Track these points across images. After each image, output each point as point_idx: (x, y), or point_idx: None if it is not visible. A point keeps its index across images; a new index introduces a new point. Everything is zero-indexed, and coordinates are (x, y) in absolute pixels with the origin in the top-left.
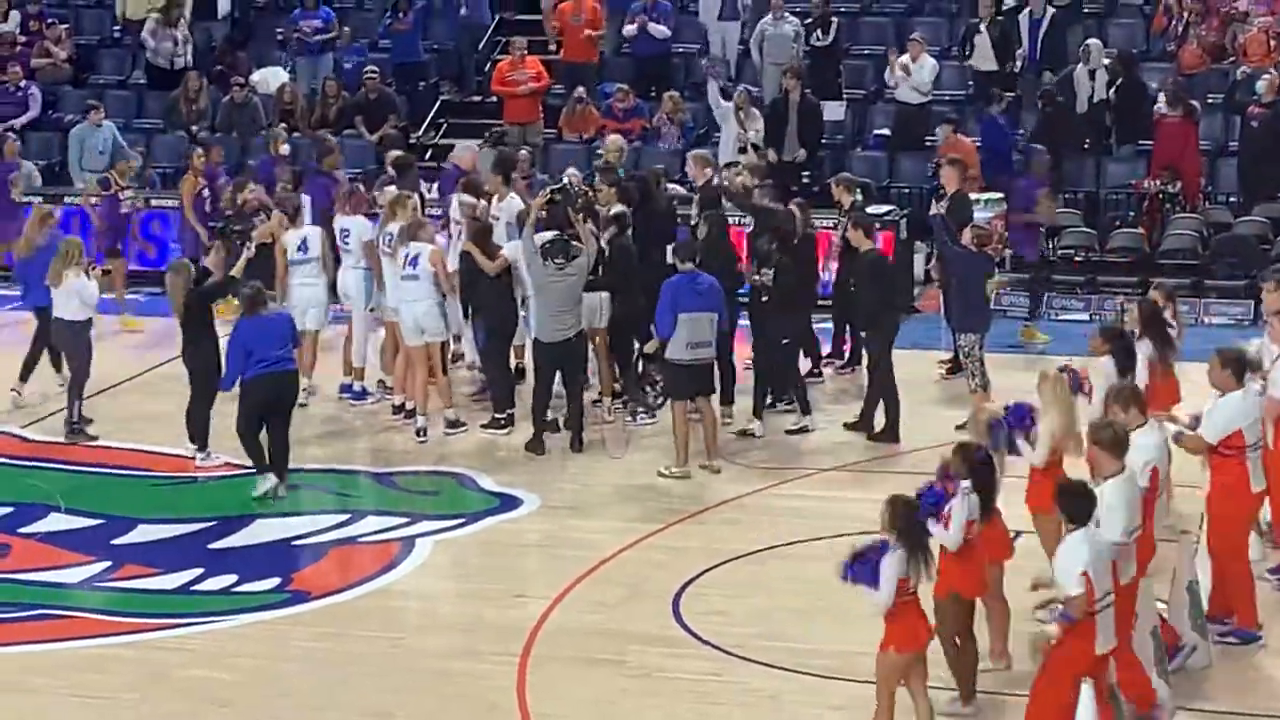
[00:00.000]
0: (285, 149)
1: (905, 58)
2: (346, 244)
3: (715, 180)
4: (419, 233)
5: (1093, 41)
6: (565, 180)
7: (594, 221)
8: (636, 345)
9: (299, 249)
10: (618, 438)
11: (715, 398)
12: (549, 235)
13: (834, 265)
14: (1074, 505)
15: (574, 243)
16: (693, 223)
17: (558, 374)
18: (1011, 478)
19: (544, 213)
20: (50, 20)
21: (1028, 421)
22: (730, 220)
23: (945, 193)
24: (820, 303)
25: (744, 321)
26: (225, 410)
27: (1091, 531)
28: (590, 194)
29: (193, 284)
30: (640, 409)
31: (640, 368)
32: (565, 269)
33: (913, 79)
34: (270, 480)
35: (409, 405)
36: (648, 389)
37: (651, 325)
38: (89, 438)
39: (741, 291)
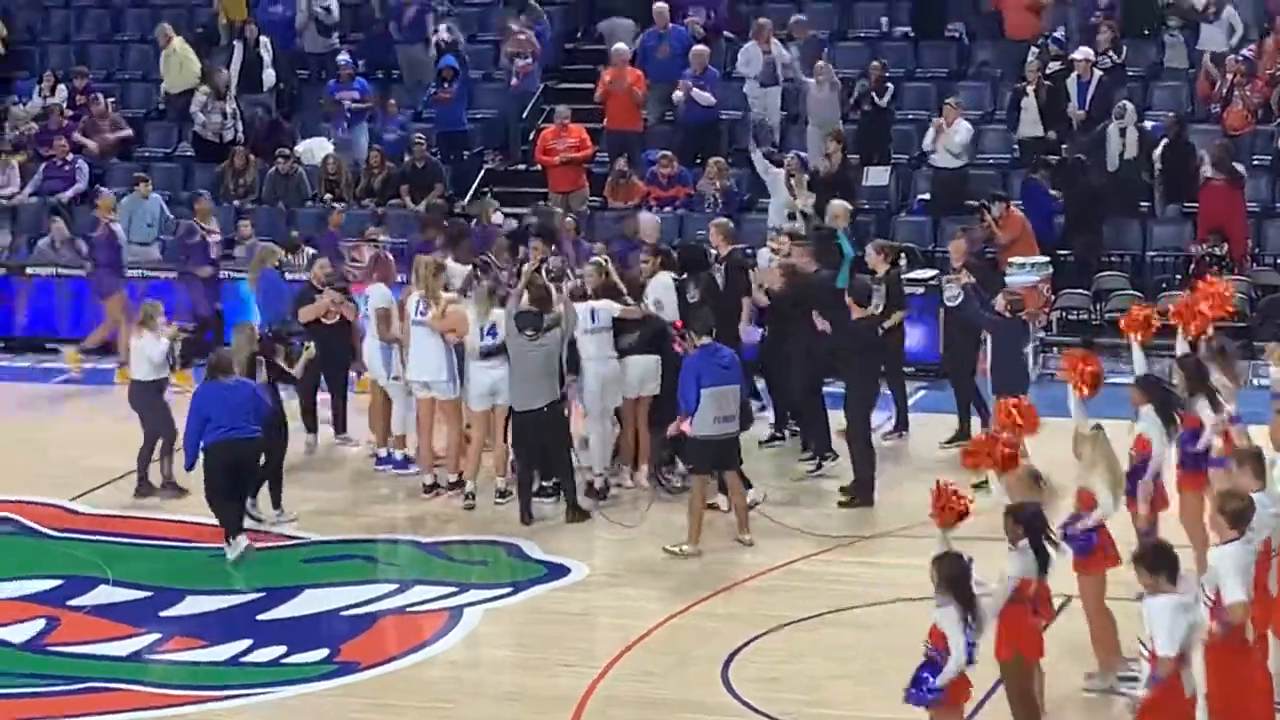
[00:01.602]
0: (499, 217)
1: (940, 121)
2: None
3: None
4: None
5: (1126, 102)
6: (557, 259)
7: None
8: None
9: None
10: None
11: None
12: (526, 306)
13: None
14: (1164, 564)
15: (547, 314)
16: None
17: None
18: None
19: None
20: (95, 94)
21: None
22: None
23: (956, 269)
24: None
25: None
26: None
27: (1184, 599)
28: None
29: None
30: (663, 488)
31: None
32: (537, 339)
33: (948, 143)
34: (241, 544)
35: (445, 479)
36: (667, 473)
37: None
38: (178, 491)
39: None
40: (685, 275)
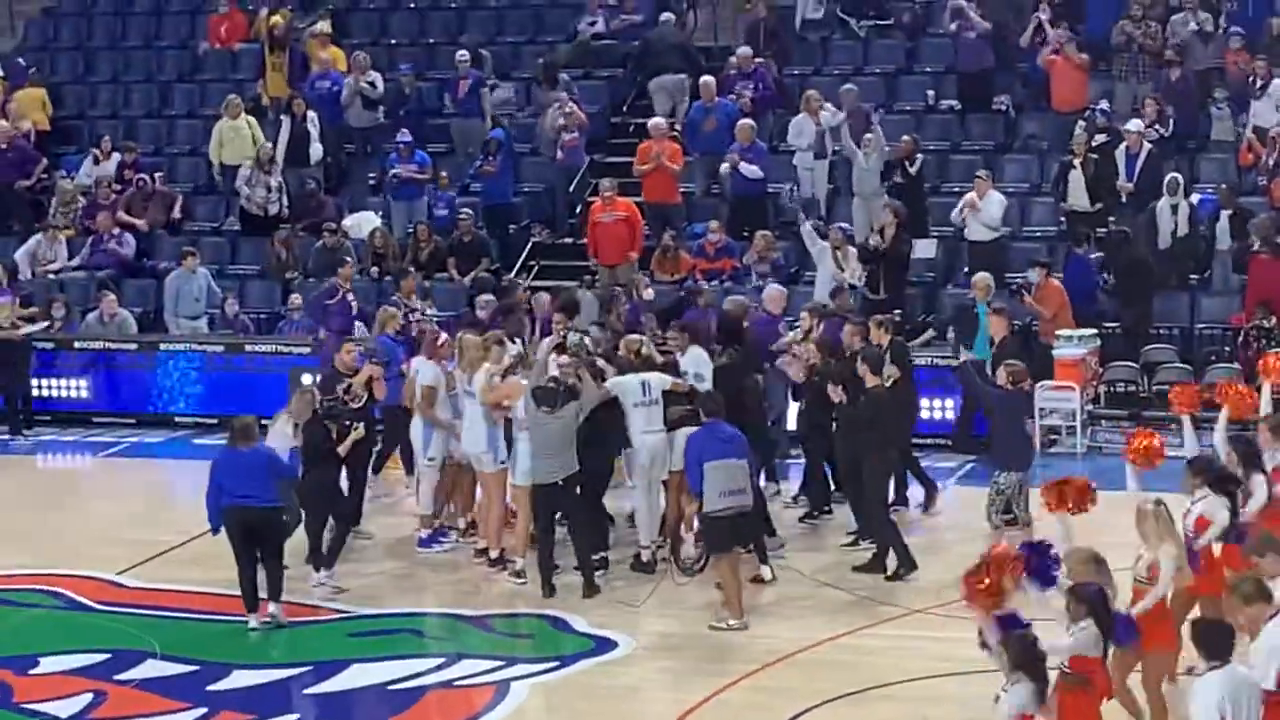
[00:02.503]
0: (649, 292)
1: (973, 195)
2: None
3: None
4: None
5: (1177, 175)
6: (576, 334)
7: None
8: None
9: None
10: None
11: None
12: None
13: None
14: (1213, 641)
15: (565, 390)
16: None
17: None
18: None
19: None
20: (143, 176)
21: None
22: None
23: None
24: None
25: None
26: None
27: (1234, 671)
28: (591, 349)
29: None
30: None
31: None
32: (554, 413)
33: (981, 216)
34: (255, 618)
35: (492, 552)
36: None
37: None
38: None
39: None
40: (722, 346)
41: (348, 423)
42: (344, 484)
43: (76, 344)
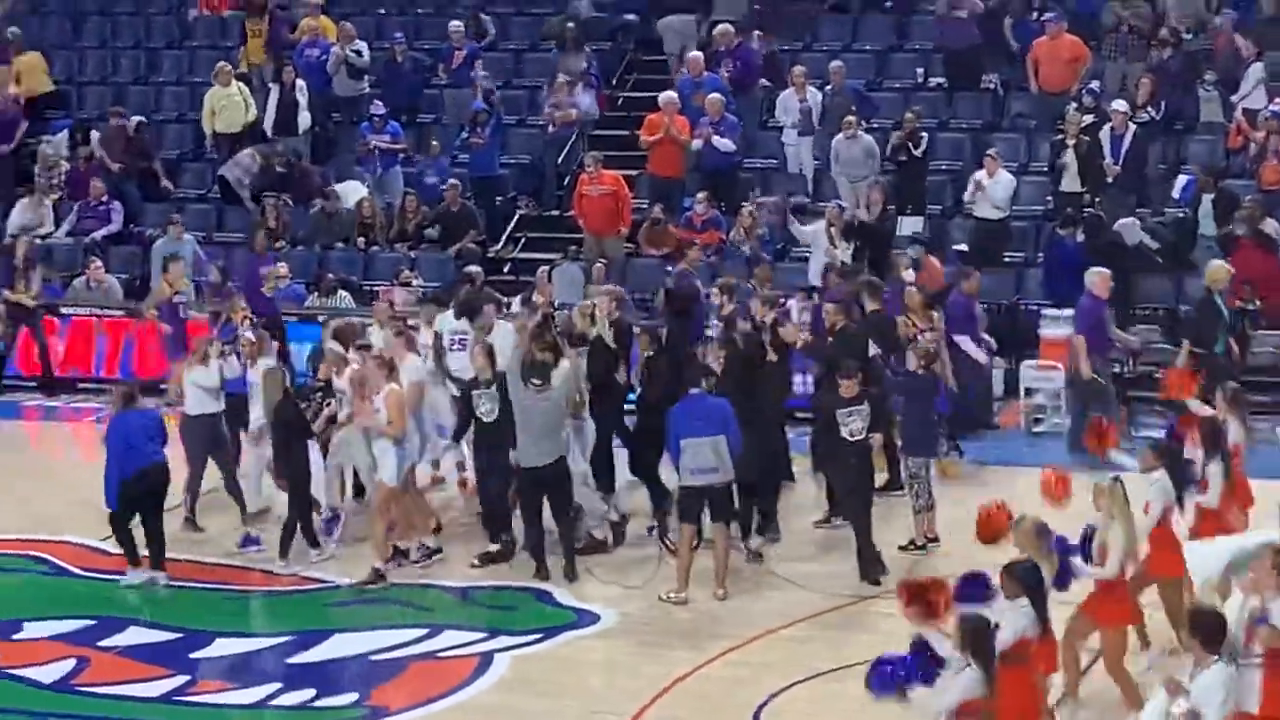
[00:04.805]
0: (910, 274)
1: (981, 174)
2: None
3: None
4: None
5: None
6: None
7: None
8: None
9: None
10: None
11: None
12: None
13: None
14: (1210, 630)
15: (555, 367)
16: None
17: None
18: None
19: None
20: (123, 122)
21: (1083, 543)
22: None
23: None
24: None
25: None
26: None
27: (1229, 668)
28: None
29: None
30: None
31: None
32: (542, 390)
33: (990, 195)
34: (142, 574)
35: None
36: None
37: None
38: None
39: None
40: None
41: (320, 398)
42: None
43: (63, 310)
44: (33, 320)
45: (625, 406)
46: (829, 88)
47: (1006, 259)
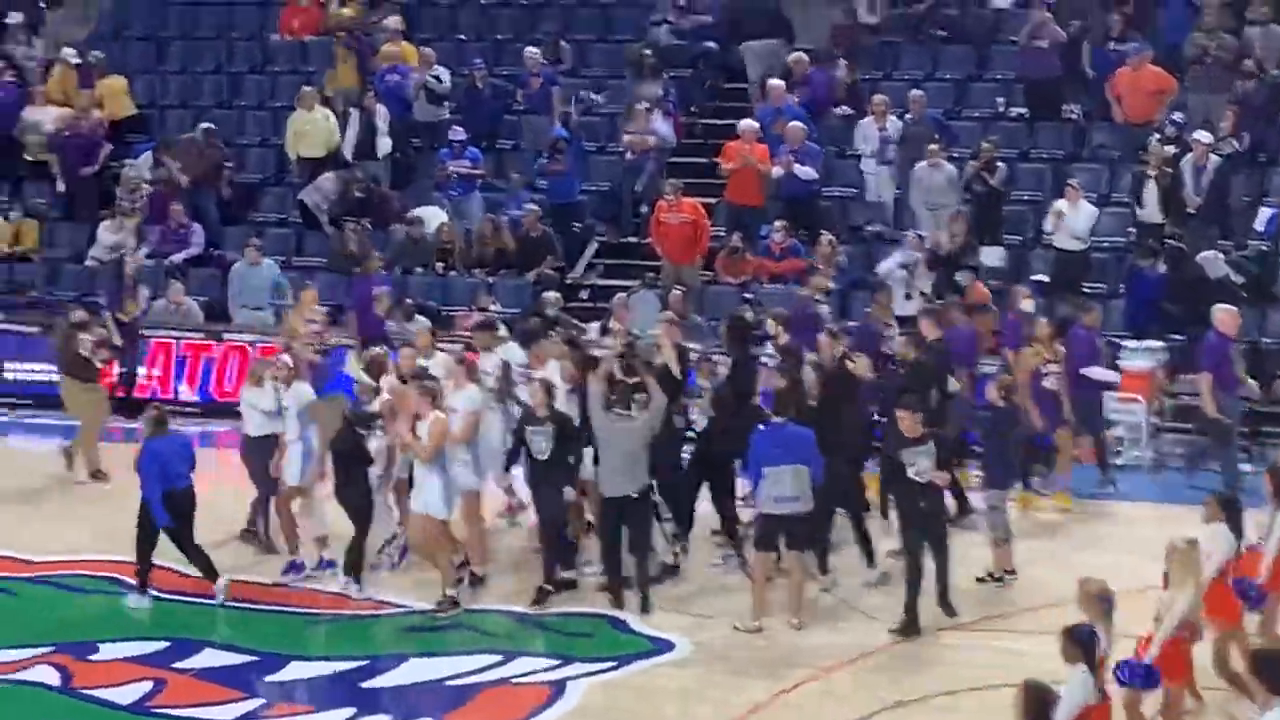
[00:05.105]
0: (1029, 304)
1: (1062, 204)
2: None
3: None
4: None
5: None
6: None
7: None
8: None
9: None
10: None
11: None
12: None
13: None
14: (1275, 672)
15: (638, 394)
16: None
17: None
18: None
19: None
20: (210, 129)
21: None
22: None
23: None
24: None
25: None
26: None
27: None
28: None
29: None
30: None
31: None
32: (627, 420)
33: (1070, 225)
34: (146, 600)
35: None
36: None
37: None
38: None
39: None
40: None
41: (377, 426)
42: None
43: (143, 332)
44: (130, 339)
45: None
46: (908, 116)
47: (1087, 290)
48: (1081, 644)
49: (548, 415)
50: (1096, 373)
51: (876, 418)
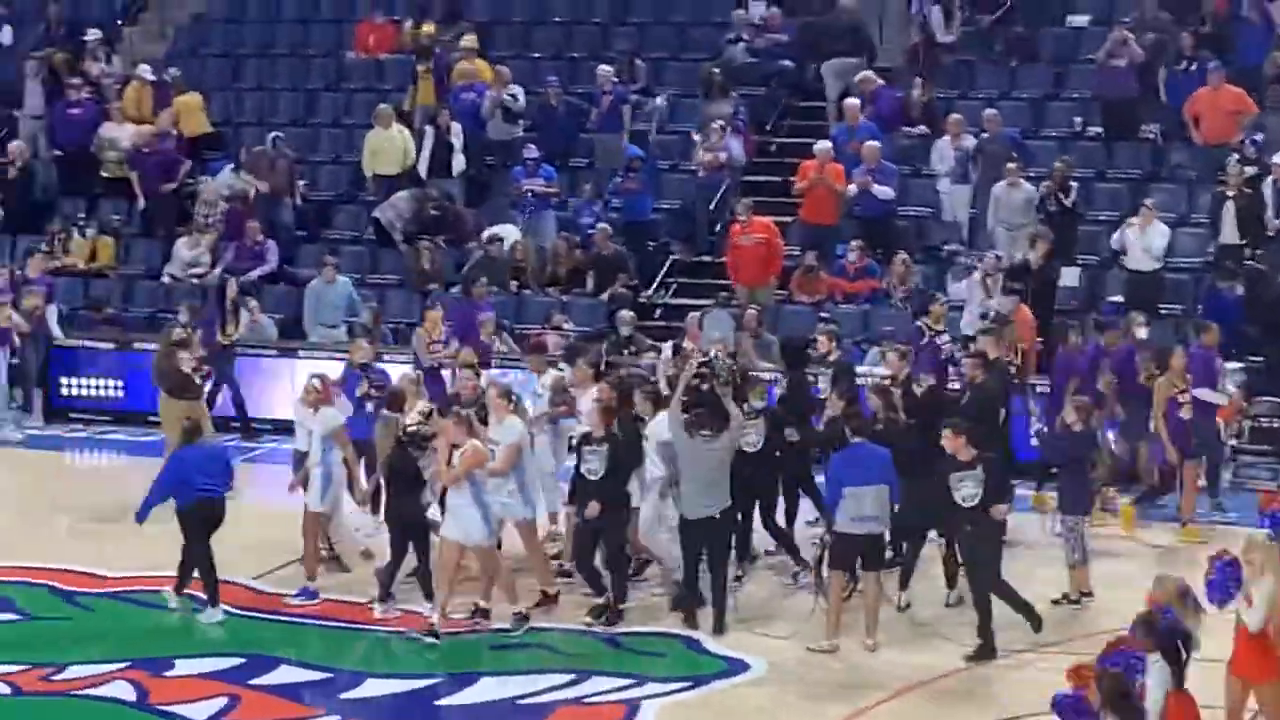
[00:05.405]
0: (1143, 332)
1: (1136, 222)
2: None
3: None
4: None
5: None
6: (713, 353)
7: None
8: None
9: None
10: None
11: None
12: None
13: None
14: None
15: (721, 415)
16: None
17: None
18: None
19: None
20: (278, 138)
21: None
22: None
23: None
24: None
25: None
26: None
27: None
28: (736, 366)
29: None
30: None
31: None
32: (712, 442)
33: (1144, 245)
34: (219, 614)
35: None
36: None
37: None
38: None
39: None
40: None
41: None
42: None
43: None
44: (228, 361)
45: None
46: (984, 135)
47: (1164, 311)
48: (1156, 631)
49: (603, 436)
50: (1205, 394)
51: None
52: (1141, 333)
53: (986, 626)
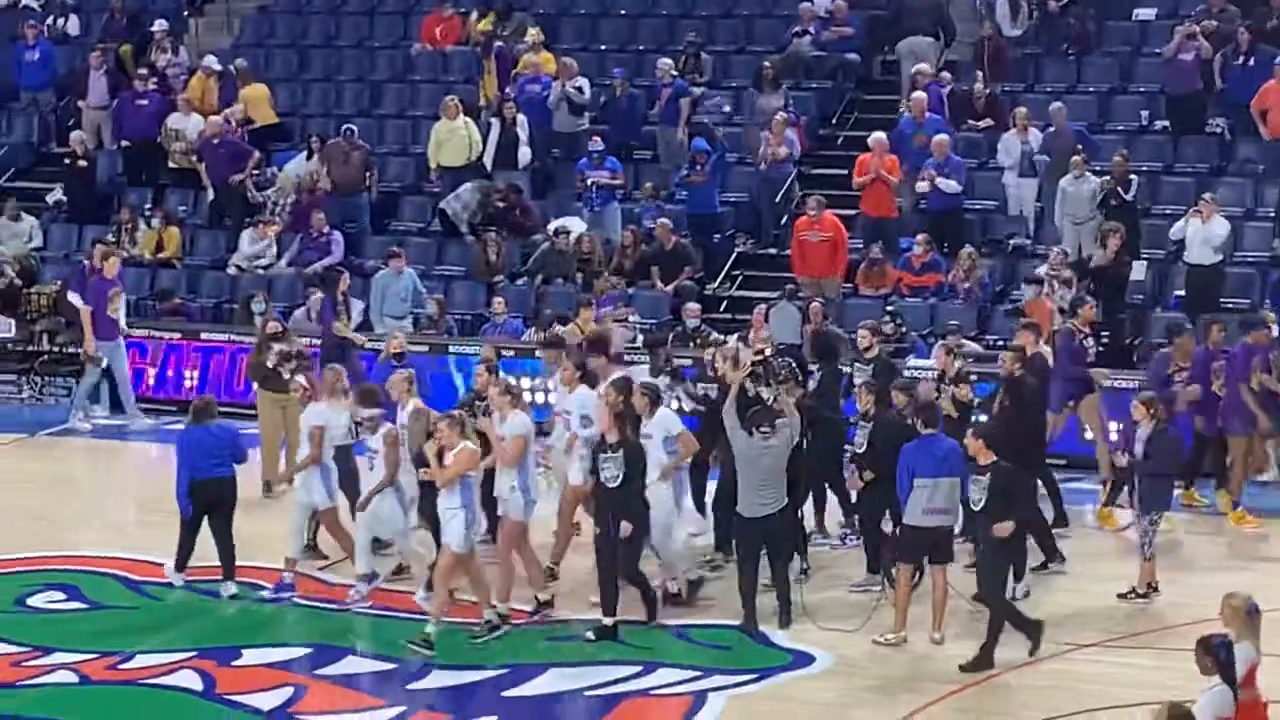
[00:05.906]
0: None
1: (1195, 217)
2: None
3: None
4: None
5: None
6: (767, 351)
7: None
8: None
9: None
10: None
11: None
12: (753, 406)
13: None
14: None
15: (778, 413)
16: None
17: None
18: None
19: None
20: (349, 130)
21: None
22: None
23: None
24: None
25: None
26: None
27: None
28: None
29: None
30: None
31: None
32: (769, 440)
33: (1205, 239)
34: (233, 587)
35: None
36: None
37: None
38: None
39: None
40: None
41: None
42: None
43: None
44: (347, 354)
45: None
46: (1050, 129)
47: (1229, 306)
48: (1216, 655)
49: (616, 441)
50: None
51: None
52: (1218, 337)
53: (995, 637)
